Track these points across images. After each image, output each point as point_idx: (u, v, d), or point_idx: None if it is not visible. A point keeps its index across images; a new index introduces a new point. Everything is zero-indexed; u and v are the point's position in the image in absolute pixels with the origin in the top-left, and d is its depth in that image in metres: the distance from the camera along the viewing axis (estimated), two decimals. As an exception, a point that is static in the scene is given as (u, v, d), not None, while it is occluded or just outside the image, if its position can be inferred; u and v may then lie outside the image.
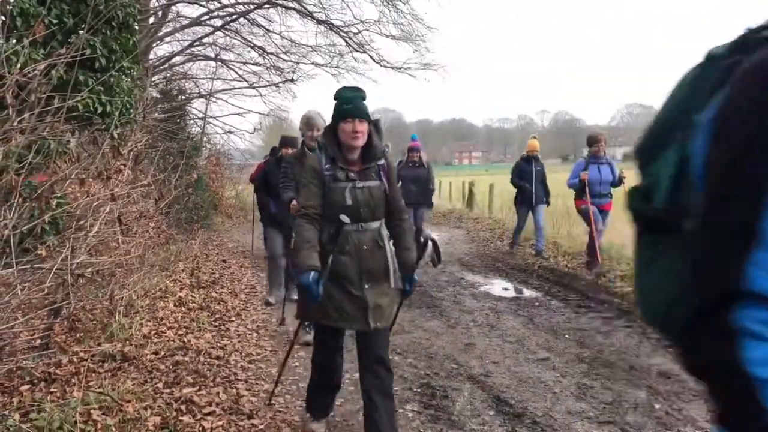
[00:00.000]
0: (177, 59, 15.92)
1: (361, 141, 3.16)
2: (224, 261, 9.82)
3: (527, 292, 7.73)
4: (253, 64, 16.92)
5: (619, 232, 8.57)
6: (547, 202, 10.31)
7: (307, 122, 5.00)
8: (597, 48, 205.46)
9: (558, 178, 10.58)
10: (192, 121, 16.53)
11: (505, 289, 8.02)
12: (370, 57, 16.18)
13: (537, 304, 7.10)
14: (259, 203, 7.94)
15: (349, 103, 3.16)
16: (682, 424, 3.72)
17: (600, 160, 8.32)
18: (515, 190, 10.42)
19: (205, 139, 17.10)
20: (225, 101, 18.62)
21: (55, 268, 3.64)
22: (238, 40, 16.10)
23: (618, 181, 8.30)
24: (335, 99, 3.25)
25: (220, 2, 14.87)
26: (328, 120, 4.10)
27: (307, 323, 4.70)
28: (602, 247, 8.42)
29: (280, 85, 17.04)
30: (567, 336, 5.71)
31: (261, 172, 7.63)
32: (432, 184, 9.95)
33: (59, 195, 3.84)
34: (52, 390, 3.80)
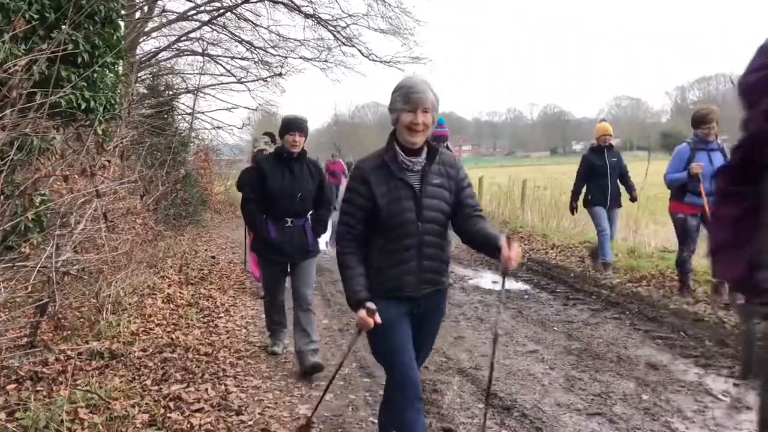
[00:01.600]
0: (164, 54, 15.80)
1: None
2: (213, 257, 9.79)
3: (516, 285, 7.75)
4: (240, 58, 16.85)
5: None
6: (632, 198, 8.13)
7: (407, 95, 2.71)
8: (586, 41, 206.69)
9: (546, 170, 10.60)
10: (180, 117, 16.43)
11: (495, 282, 8.02)
12: (359, 51, 16.19)
13: (526, 296, 7.12)
14: (248, 222, 5.04)
15: None
16: (670, 415, 3.74)
17: (710, 146, 6.27)
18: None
19: (193, 134, 17.00)
20: (213, 96, 18.53)
21: (39, 265, 3.61)
22: (226, 35, 16.02)
23: None
24: None
25: (206, -4, 14.77)
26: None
27: None
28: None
29: (269, 79, 16.99)
30: (556, 328, 5.73)
31: (252, 174, 4.90)
32: None
33: (43, 192, 3.80)
34: (38, 389, 3.78)
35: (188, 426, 3.53)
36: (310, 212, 4.85)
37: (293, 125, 4.67)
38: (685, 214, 6.35)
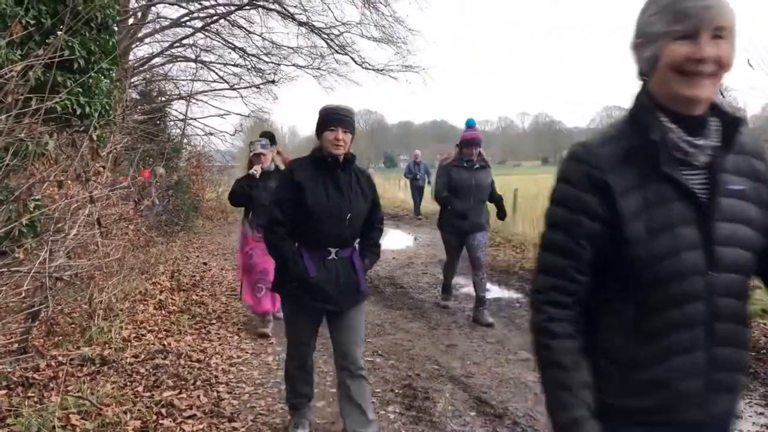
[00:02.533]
0: (157, 60, 15.81)
1: None
2: (205, 263, 9.76)
3: (508, 293, 7.78)
4: (233, 65, 16.87)
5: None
6: None
7: (676, 3, 1.33)
8: (576, 50, 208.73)
9: (538, 179, 10.64)
10: (172, 123, 16.43)
11: (486, 290, 8.04)
12: (352, 59, 16.26)
13: (517, 305, 7.15)
14: (275, 256, 3.40)
15: None
16: (660, 423, 3.77)
17: None
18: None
19: (185, 140, 16.98)
20: (205, 103, 18.47)
21: (32, 271, 3.60)
22: (219, 42, 16.05)
23: None
24: None
25: (200, 3, 14.81)
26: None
27: None
28: None
29: (261, 86, 17.00)
30: (547, 337, 5.74)
31: (279, 187, 3.46)
32: (499, 196, 6.69)
33: (37, 197, 3.80)
34: (29, 394, 3.77)
35: (181, 433, 3.54)
36: (357, 240, 3.53)
37: (336, 118, 3.25)
38: None
